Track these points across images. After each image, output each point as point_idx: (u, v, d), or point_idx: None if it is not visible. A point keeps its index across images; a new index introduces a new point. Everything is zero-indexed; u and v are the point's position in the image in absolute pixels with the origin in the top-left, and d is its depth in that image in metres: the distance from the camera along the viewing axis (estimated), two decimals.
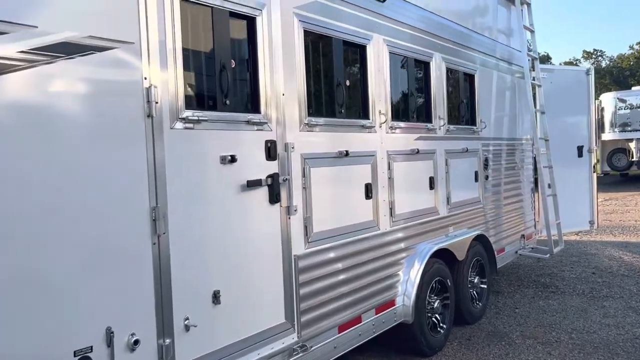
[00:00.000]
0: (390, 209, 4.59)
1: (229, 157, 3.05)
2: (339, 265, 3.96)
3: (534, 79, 7.55)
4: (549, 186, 7.41)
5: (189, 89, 2.93)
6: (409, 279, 4.81)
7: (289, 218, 3.51)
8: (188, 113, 2.86)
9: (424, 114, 5.26)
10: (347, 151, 4.01)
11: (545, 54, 47.82)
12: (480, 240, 6.11)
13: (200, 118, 2.91)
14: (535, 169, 7.60)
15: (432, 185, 5.22)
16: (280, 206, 3.44)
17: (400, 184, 4.72)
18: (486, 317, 6.10)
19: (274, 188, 3.36)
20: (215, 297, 2.98)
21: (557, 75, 8.34)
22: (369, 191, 4.30)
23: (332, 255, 3.89)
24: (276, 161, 3.41)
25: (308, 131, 3.70)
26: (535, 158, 7.53)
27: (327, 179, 3.86)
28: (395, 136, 4.67)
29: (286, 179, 3.46)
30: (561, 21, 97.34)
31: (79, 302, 2.41)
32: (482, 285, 6.14)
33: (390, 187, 4.59)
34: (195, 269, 2.89)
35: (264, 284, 3.33)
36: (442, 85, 5.44)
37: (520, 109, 7.50)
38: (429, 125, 5.21)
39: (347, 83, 4.19)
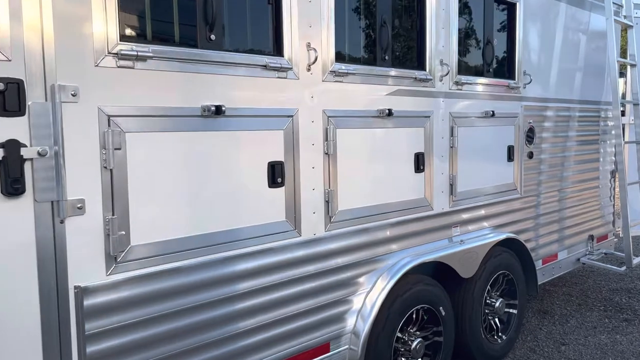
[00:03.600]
0: (327, 202, 2.90)
1: None
2: (198, 298, 2.39)
3: (625, 17, 5.34)
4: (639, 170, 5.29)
5: None
6: (362, 308, 3.13)
7: (62, 222, 1.97)
8: None
9: (410, 57, 3.45)
10: (235, 110, 2.37)
11: None
12: (511, 245, 4.23)
13: None
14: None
15: (419, 166, 3.43)
16: (36, 201, 1.91)
17: (350, 162, 3.00)
18: (513, 355, 4.26)
19: (11, 168, 1.83)
20: None
21: None
22: (275, 176, 2.64)
23: (181, 281, 2.32)
24: (23, 118, 1.87)
25: (122, 67, 2.10)
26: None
27: (161, 153, 2.26)
28: (341, 87, 2.94)
29: (48, 151, 1.91)
30: None
31: None
32: (510, 310, 4.28)
33: (329, 169, 2.90)
34: None
35: None
36: (448, 12, 3.56)
37: (605, 61, 5.33)
38: (419, 73, 3.39)
39: None
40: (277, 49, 2.64)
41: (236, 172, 2.49)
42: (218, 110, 2.35)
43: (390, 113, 3.15)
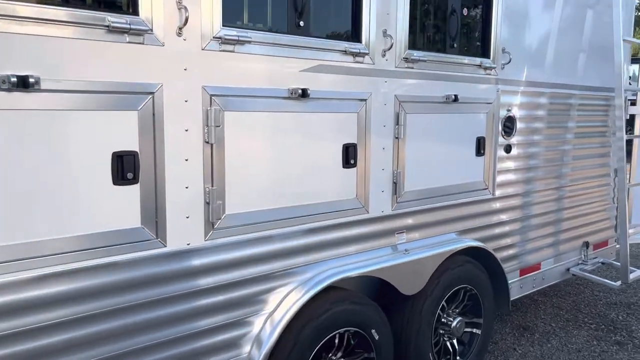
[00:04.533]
0: (208, 204, 2.31)
1: None
2: (13, 324, 1.85)
3: None
4: None
5: None
6: (260, 333, 2.56)
7: None
8: None
9: (339, 25, 2.80)
10: (31, 79, 1.79)
11: None
12: (476, 255, 3.59)
13: None
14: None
15: (349, 160, 2.80)
16: None
17: (245, 154, 2.40)
18: None
19: None
20: None
21: None
22: (124, 170, 2.05)
23: None
24: None
25: None
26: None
27: None
28: (234, 59, 2.31)
29: None
30: None
31: None
32: (473, 330, 3.65)
33: (211, 161, 2.30)
34: None
35: None
36: None
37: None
38: (350, 46, 2.74)
39: None
40: (133, 5, 2.04)
41: (64, 164, 1.91)
42: (25, 83, 1.77)
43: (305, 94, 2.53)
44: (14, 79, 1.75)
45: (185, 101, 2.19)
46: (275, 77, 2.46)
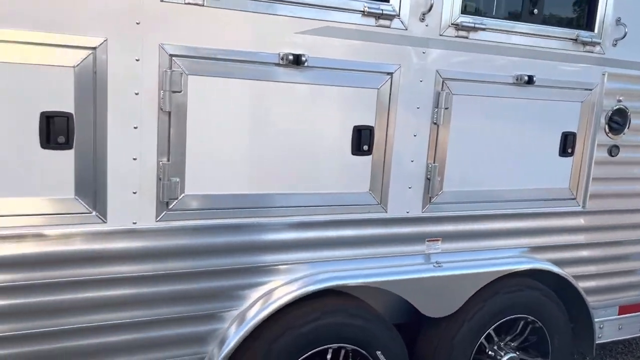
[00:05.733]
0: (161, 181, 2.01)
1: None
2: None
3: None
4: None
5: None
6: (227, 332, 2.24)
7: None
8: None
9: None
10: None
11: None
12: (550, 280, 2.86)
13: None
14: None
15: (361, 146, 2.30)
16: None
17: (221, 128, 2.05)
18: None
19: None
20: None
21: None
22: (55, 132, 1.83)
23: None
24: None
25: None
26: None
27: None
28: (207, 17, 1.96)
29: None
30: None
31: None
32: None
33: (170, 131, 1.99)
34: None
35: None
36: None
37: None
38: (371, 5, 2.22)
39: None
40: None
41: None
42: None
43: (298, 61, 2.09)
44: None
45: (137, 60, 1.90)
46: (260, 39, 2.07)
